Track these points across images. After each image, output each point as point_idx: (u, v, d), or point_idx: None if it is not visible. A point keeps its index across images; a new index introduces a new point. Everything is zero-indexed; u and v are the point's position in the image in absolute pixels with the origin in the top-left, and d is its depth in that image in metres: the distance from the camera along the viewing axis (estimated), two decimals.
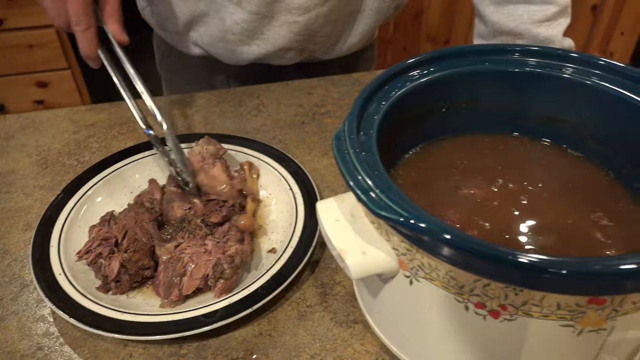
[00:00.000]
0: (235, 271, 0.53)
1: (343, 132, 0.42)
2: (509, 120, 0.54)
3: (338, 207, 0.44)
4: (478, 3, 0.76)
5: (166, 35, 0.89)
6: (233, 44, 0.83)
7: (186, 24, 0.83)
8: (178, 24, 0.83)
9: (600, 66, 0.47)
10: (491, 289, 0.35)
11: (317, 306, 0.54)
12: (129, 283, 0.53)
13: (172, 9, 0.82)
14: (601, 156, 0.50)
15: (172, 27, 0.85)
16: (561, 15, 0.72)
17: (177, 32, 0.85)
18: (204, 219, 0.57)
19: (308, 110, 0.82)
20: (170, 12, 0.83)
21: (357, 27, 0.86)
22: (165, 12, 0.83)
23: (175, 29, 0.85)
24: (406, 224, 0.34)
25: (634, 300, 0.34)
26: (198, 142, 0.65)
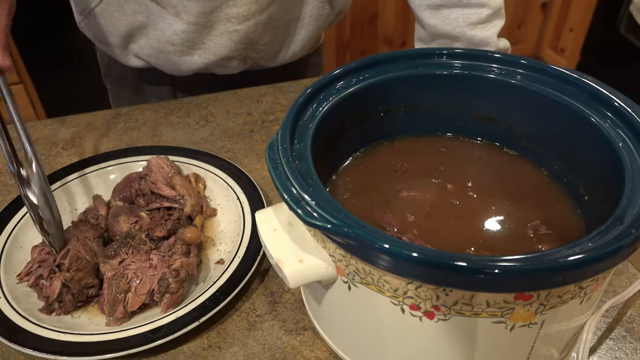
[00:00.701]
0: (181, 285, 0.52)
1: (276, 141, 0.42)
2: (446, 122, 0.55)
3: (276, 216, 0.44)
4: (415, 8, 0.77)
5: (106, 48, 0.87)
6: (174, 55, 0.83)
7: (125, 36, 0.82)
8: (116, 36, 0.82)
9: (523, 65, 0.48)
10: (423, 291, 0.35)
11: (266, 315, 0.54)
12: (72, 303, 0.52)
13: (110, 22, 0.80)
14: (534, 154, 0.52)
15: (111, 40, 0.83)
16: (495, 17, 0.74)
17: (117, 45, 0.84)
18: (148, 234, 0.57)
19: (257, 118, 0.82)
20: (107, 25, 0.81)
21: (299, 34, 0.87)
22: (103, 26, 0.82)
23: (114, 42, 0.83)
24: (335, 231, 0.35)
25: (559, 294, 0.35)
26: (151, 161, 0.65)
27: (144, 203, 0.62)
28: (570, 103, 0.46)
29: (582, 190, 0.47)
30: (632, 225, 0.34)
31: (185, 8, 0.76)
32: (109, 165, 0.68)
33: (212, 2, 0.75)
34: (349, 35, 2.42)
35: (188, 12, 0.76)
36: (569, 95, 0.47)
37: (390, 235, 0.40)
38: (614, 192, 0.40)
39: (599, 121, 0.45)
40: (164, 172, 0.64)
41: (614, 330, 0.50)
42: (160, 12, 0.78)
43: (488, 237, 0.46)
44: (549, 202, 0.49)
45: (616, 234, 0.34)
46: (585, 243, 0.34)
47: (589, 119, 0.45)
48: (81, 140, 0.78)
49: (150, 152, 0.69)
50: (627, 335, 0.50)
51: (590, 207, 0.46)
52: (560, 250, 0.33)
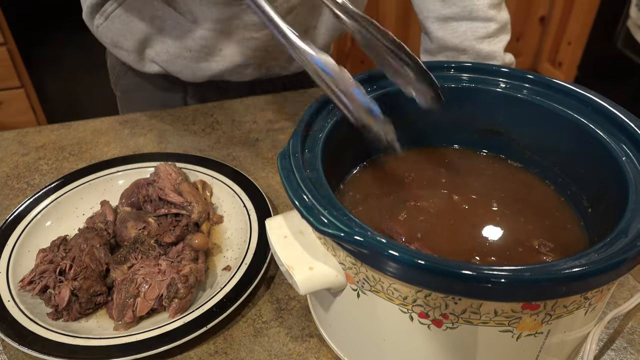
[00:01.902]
0: (190, 290, 0.53)
1: (288, 150, 0.43)
2: (452, 134, 0.56)
3: (286, 224, 0.44)
4: (423, 20, 0.78)
5: (122, 53, 0.88)
6: (191, 61, 0.83)
7: (142, 41, 0.83)
8: (133, 41, 0.83)
9: (530, 80, 0.49)
10: (432, 299, 0.36)
11: (272, 322, 0.55)
12: (80, 310, 0.52)
13: (128, 27, 0.81)
14: (539, 166, 0.53)
15: (127, 44, 0.84)
16: (501, 32, 0.75)
17: (134, 50, 0.85)
18: (157, 239, 0.57)
19: (262, 126, 0.83)
20: (126, 29, 0.82)
21: (314, 43, 0.88)
22: (121, 30, 0.83)
23: (131, 47, 0.84)
24: (347, 239, 0.36)
25: (565, 304, 0.36)
26: (159, 167, 0.66)
27: (152, 209, 0.63)
28: (574, 117, 0.48)
29: (586, 202, 0.48)
30: (637, 238, 0.35)
31: (204, 14, 0.77)
32: (116, 171, 0.69)
33: (230, 9, 0.76)
34: (350, 45, 2.44)
35: (206, 19, 0.77)
36: (574, 110, 0.48)
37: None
38: (617, 205, 0.41)
39: (602, 135, 0.46)
40: (172, 179, 0.64)
41: (615, 342, 0.51)
42: (178, 18, 0.78)
43: (492, 247, 0.47)
44: (552, 214, 0.50)
45: (621, 246, 0.35)
46: (591, 254, 0.35)
47: (593, 133, 0.46)
48: (88, 145, 0.79)
49: (157, 159, 0.70)
50: (628, 346, 0.51)
51: (593, 220, 0.47)
52: (567, 261, 0.34)
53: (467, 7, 0.73)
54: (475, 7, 0.73)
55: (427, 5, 0.77)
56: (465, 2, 0.73)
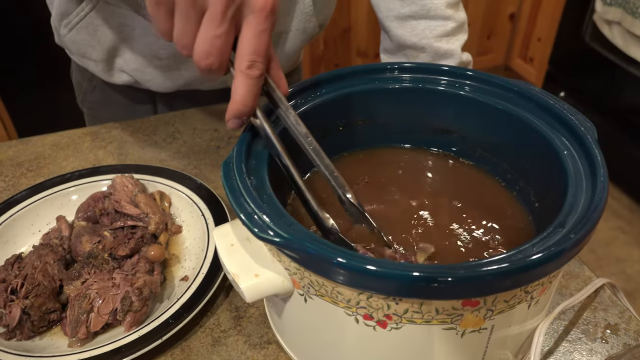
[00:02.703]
0: (145, 303, 0.52)
1: (231, 158, 0.43)
2: (404, 134, 0.56)
3: (233, 232, 0.44)
4: (383, 19, 0.78)
5: (89, 64, 0.86)
6: (161, 69, 0.82)
7: (110, 50, 0.81)
8: (101, 51, 0.81)
9: (471, 77, 0.50)
10: (374, 301, 0.36)
11: (231, 330, 0.54)
12: (33, 329, 0.51)
13: (95, 36, 0.79)
14: (489, 163, 0.53)
15: (96, 54, 0.82)
16: (459, 31, 0.76)
17: (102, 60, 0.83)
18: (111, 253, 0.56)
19: (224, 134, 0.83)
20: (92, 39, 0.80)
21: (285, 47, 0.87)
22: (88, 40, 0.81)
23: (99, 57, 0.82)
24: (285, 245, 0.35)
25: (505, 298, 0.36)
26: (115, 180, 0.65)
27: (108, 222, 0.62)
28: (518, 112, 0.48)
29: (533, 197, 0.49)
30: (572, 230, 0.36)
31: None
32: (73, 186, 0.68)
33: None
34: (323, 49, 2.44)
35: None
36: (517, 105, 0.49)
37: (347, 248, 0.41)
38: (560, 199, 0.41)
39: (545, 130, 0.46)
40: (128, 191, 0.64)
41: (570, 332, 0.52)
42: (147, 26, 0.77)
43: (444, 245, 0.47)
44: (503, 210, 0.50)
45: (557, 239, 0.35)
46: (528, 248, 0.35)
47: (536, 128, 0.47)
48: (46, 161, 0.78)
49: (114, 171, 0.69)
50: (583, 336, 0.51)
51: (540, 214, 0.47)
52: (503, 257, 0.34)
53: (426, 6, 0.74)
54: (433, 6, 0.74)
55: (385, 4, 0.78)
56: (424, 1, 0.74)
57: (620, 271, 1.76)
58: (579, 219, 0.37)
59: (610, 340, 0.51)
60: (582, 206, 0.38)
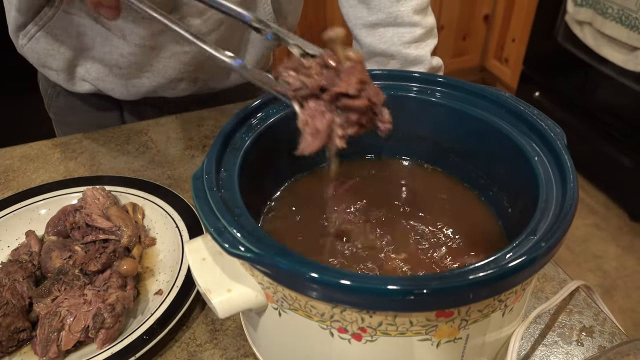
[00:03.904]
0: (117, 319, 0.51)
1: (201, 170, 0.42)
2: (377, 143, 0.56)
3: (205, 246, 0.43)
4: (352, 27, 0.79)
5: (50, 73, 0.85)
6: (122, 78, 0.81)
7: (70, 60, 0.80)
8: (62, 60, 0.80)
9: (442, 83, 0.50)
10: (348, 314, 0.36)
11: (207, 344, 0.53)
12: (2, 349, 0.50)
13: (54, 46, 0.78)
14: (462, 169, 0.53)
15: (56, 64, 0.82)
16: (427, 36, 0.76)
17: (62, 69, 0.82)
18: (82, 268, 0.55)
19: (198, 142, 0.82)
20: (52, 49, 0.79)
21: (249, 55, 0.87)
22: (47, 50, 0.80)
23: (60, 66, 0.82)
24: (257, 260, 0.35)
25: (479, 308, 0.36)
26: (85, 192, 0.64)
27: (80, 236, 0.61)
28: (488, 118, 0.48)
29: (506, 203, 0.49)
30: (543, 239, 0.36)
31: (132, 30, 0.75)
32: (43, 199, 0.66)
33: (157, 24, 0.75)
34: None
35: (134, 35, 0.75)
36: (488, 111, 0.49)
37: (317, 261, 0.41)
38: (531, 205, 0.41)
39: (516, 135, 0.46)
40: (99, 204, 0.63)
41: (547, 336, 0.52)
42: (107, 35, 0.76)
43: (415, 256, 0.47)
44: (476, 216, 0.51)
45: (528, 247, 0.35)
46: (500, 257, 0.35)
47: (507, 134, 0.47)
48: (15, 173, 0.76)
49: (86, 183, 0.68)
50: (559, 340, 0.52)
51: (513, 220, 0.48)
52: (476, 267, 0.34)
53: (393, 14, 0.74)
54: (400, 13, 0.74)
55: (354, 13, 0.78)
56: (391, 9, 0.74)
57: (597, 267, 1.78)
58: (550, 226, 0.37)
59: (586, 343, 0.51)
60: (553, 213, 0.39)
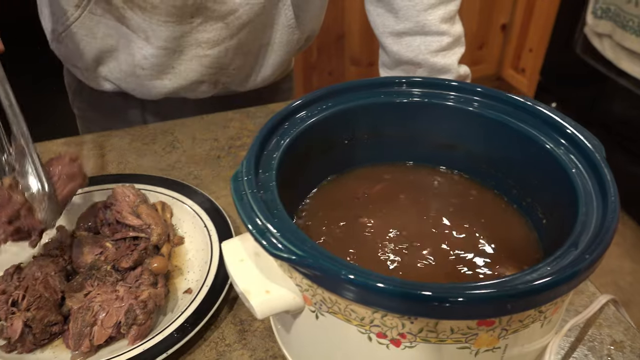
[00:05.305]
0: (149, 316, 0.52)
1: (241, 172, 0.43)
2: (409, 149, 0.56)
3: (243, 246, 0.44)
4: (379, 35, 0.79)
5: (75, 70, 0.87)
6: (144, 79, 0.83)
7: (95, 59, 0.82)
8: (86, 60, 0.82)
9: (479, 93, 0.50)
10: (388, 319, 0.36)
11: (236, 344, 0.54)
12: (34, 342, 0.51)
13: (80, 46, 0.80)
14: (494, 179, 0.53)
15: (81, 63, 0.83)
16: (455, 45, 0.77)
17: (86, 68, 0.84)
18: (114, 265, 0.56)
19: (224, 144, 0.82)
20: (77, 48, 0.81)
21: (269, 59, 0.88)
22: (73, 49, 0.82)
23: (84, 65, 0.83)
24: (300, 263, 0.35)
25: (520, 318, 0.36)
26: (116, 190, 0.64)
27: (109, 233, 0.61)
28: (525, 130, 0.48)
29: (540, 214, 0.49)
30: (586, 251, 0.36)
31: (155, 33, 0.76)
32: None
33: (181, 27, 0.76)
34: (316, 57, 2.44)
35: (157, 37, 0.76)
36: (524, 122, 0.49)
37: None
38: (570, 217, 0.41)
39: (553, 148, 0.46)
40: (130, 201, 0.63)
41: (577, 350, 0.52)
42: (131, 36, 0.78)
43: (447, 263, 0.47)
44: (508, 226, 0.51)
45: (571, 260, 0.36)
46: (543, 269, 0.35)
47: (543, 146, 0.47)
48: None
49: (115, 181, 0.69)
50: (590, 353, 0.52)
51: (548, 231, 0.48)
52: (519, 277, 0.34)
53: (420, 22, 0.75)
54: (427, 22, 0.74)
55: (382, 21, 0.78)
56: (418, 18, 0.74)
57: (613, 282, 1.77)
58: (592, 239, 0.37)
59: (617, 358, 0.51)
60: (594, 226, 0.39)
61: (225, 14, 0.76)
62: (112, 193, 0.65)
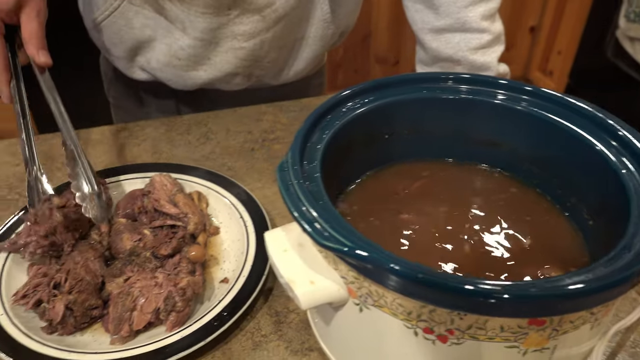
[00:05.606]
0: (187, 304, 0.52)
1: (287, 162, 0.43)
2: (450, 145, 0.55)
3: (286, 237, 0.44)
4: (417, 31, 0.78)
5: (112, 59, 0.88)
6: (180, 69, 0.83)
7: (131, 49, 0.83)
8: (123, 49, 0.83)
9: (528, 92, 0.49)
10: (437, 315, 0.36)
11: (271, 335, 0.54)
12: (75, 325, 0.51)
13: (117, 35, 0.81)
14: (538, 178, 0.53)
15: (118, 52, 0.84)
16: (495, 42, 0.76)
17: (123, 57, 0.85)
18: (153, 252, 0.56)
19: (257, 136, 0.83)
20: (115, 37, 0.82)
21: (303, 53, 0.88)
22: (110, 38, 0.83)
23: (121, 54, 0.84)
24: (350, 254, 0.35)
25: (571, 319, 0.36)
26: (154, 178, 0.65)
27: (147, 220, 0.62)
28: (574, 130, 0.47)
29: (586, 215, 0.48)
30: None
31: (192, 24, 0.77)
32: (110, 182, 0.68)
33: (218, 19, 0.76)
34: (342, 54, 2.44)
35: (194, 28, 0.77)
36: (573, 122, 0.48)
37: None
38: (620, 219, 0.41)
39: (602, 148, 0.45)
40: (167, 190, 0.64)
41: (618, 355, 0.51)
42: (168, 27, 0.78)
43: (489, 262, 0.46)
44: (552, 227, 0.50)
45: (626, 262, 0.35)
46: (597, 270, 0.35)
47: (592, 146, 0.46)
48: None
49: (152, 169, 0.69)
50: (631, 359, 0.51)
51: (594, 232, 0.47)
52: (573, 276, 0.34)
53: (461, 19, 0.74)
54: (468, 19, 0.73)
55: (421, 17, 0.78)
56: (459, 14, 0.74)
57: None
58: None
59: None
60: None
61: (262, 6, 0.77)
62: (150, 181, 0.65)
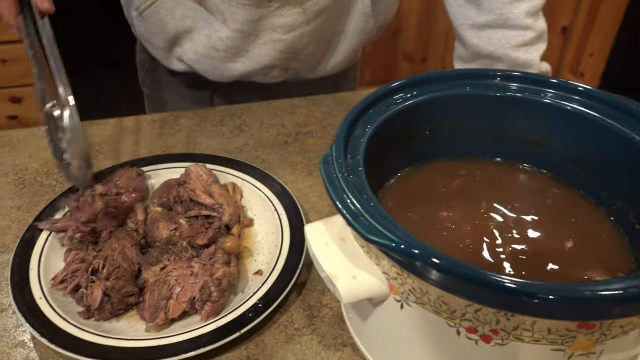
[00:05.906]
0: (223, 294, 0.52)
1: (331, 155, 0.42)
2: (492, 143, 0.55)
3: (327, 231, 0.44)
4: (458, 27, 0.77)
5: (151, 48, 0.88)
6: (217, 61, 0.83)
7: (171, 39, 0.83)
8: (163, 39, 0.83)
9: (579, 92, 0.48)
10: (483, 314, 0.35)
11: (304, 329, 0.54)
12: (112, 311, 0.52)
13: (159, 25, 0.82)
14: (580, 179, 0.52)
15: (157, 41, 0.85)
16: (538, 40, 0.74)
17: (162, 47, 0.85)
18: (190, 241, 0.57)
19: (291, 130, 0.82)
20: (156, 27, 0.82)
21: (341, 46, 0.87)
22: (152, 27, 0.83)
23: (160, 44, 0.85)
24: (397, 249, 0.35)
25: (621, 324, 0.35)
26: (189, 168, 0.65)
27: (182, 210, 0.62)
28: (624, 132, 0.46)
29: (633, 218, 0.47)
30: None
31: (233, 15, 0.77)
32: (147, 171, 0.68)
33: (259, 11, 0.76)
34: (370, 50, 2.43)
35: (235, 20, 0.77)
36: (623, 124, 0.47)
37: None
38: None
39: None
40: (203, 180, 0.64)
41: None
42: (208, 18, 0.79)
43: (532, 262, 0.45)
44: (597, 229, 0.49)
45: None
46: None
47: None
48: (116, 144, 0.79)
49: (187, 159, 0.70)
50: None
51: None
52: (627, 280, 0.33)
53: (504, 15, 0.72)
54: (512, 15, 0.72)
55: (462, 12, 0.77)
56: (502, 10, 0.72)
57: None
58: None
59: None
60: None
61: None
62: (185, 171, 0.65)
